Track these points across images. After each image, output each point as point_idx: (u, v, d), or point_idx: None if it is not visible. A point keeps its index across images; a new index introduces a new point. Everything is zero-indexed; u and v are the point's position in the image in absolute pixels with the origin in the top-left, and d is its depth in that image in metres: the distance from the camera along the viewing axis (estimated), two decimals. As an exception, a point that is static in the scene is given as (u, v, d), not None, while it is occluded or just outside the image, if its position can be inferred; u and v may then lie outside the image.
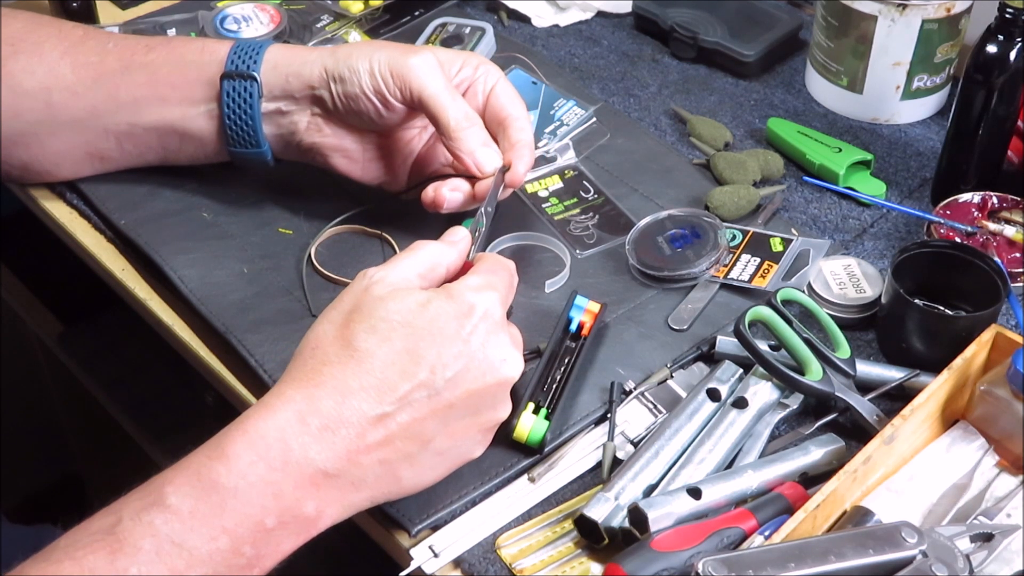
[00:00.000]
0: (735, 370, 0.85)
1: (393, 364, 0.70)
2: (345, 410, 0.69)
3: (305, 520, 0.69)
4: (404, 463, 0.72)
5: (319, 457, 0.68)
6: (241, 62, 0.92)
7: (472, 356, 0.72)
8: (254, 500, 0.67)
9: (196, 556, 0.65)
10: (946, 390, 0.82)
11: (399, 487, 0.73)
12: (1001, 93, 0.97)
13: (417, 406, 0.71)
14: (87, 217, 1.01)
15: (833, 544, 0.71)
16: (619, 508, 0.76)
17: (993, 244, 0.96)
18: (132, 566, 0.63)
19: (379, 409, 0.70)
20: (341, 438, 0.69)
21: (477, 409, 0.74)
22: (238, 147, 0.95)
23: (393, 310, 0.72)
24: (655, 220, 0.98)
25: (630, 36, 1.24)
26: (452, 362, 0.71)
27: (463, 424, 0.74)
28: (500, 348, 0.73)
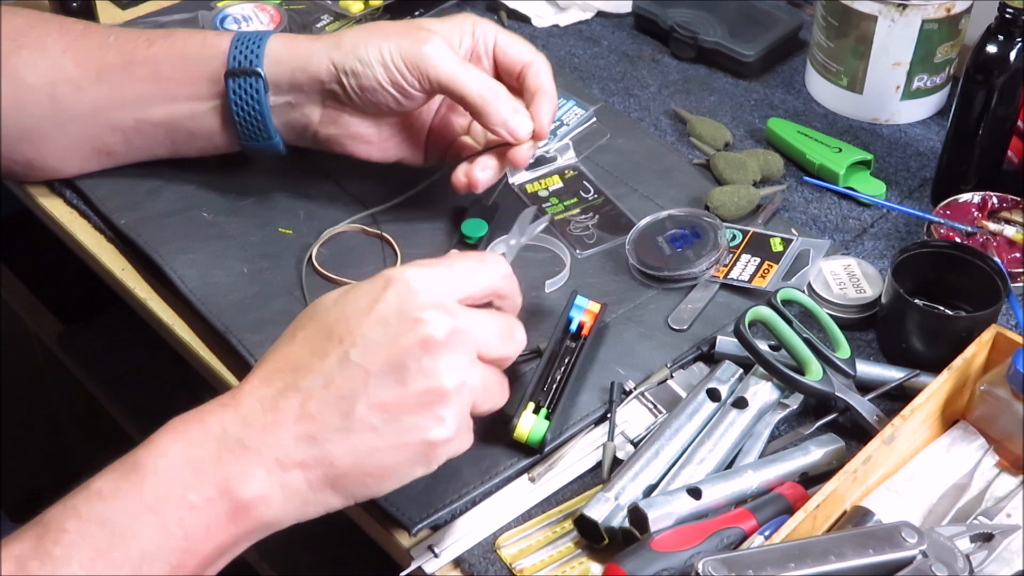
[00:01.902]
0: (735, 370, 0.85)
1: (309, 344, 0.70)
2: (260, 390, 0.69)
3: (234, 498, 0.66)
4: (331, 437, 0.68)
5: (233, 429, 0.67)
6: (244, 57, 0.92)
7: (385, 320, 0.68)
8: (173, 474, 0.66)
9: (119, 535, 0.64)
10: (946, 390, 0.82)
11: (336, 471, 0.68)
12: (1001, 93, 0.97)
13: (333, 377, 0.68)
14: (87, 217, 1.00)
15: (833, 544, 0.71)
16: (619, 508, 0.76)
17: (993, 244, 0.96)
18: (56, 547, 0.63)
19: (292, 382, 0.68)
20: (257, 415, 0.68)
21: (402, 375, 0.68)
22: (250, 141, 0.95)
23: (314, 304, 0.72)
24: (655, 220, 0.98)
25: (630, 36, 1.24)
26: (361, 329, 0.68)
27: (391, 394, 0.68)
28: (418, 309, 0.69)
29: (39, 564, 0.63)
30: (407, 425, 0.69)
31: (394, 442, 0.69)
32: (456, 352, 0.69)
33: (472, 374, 0.70)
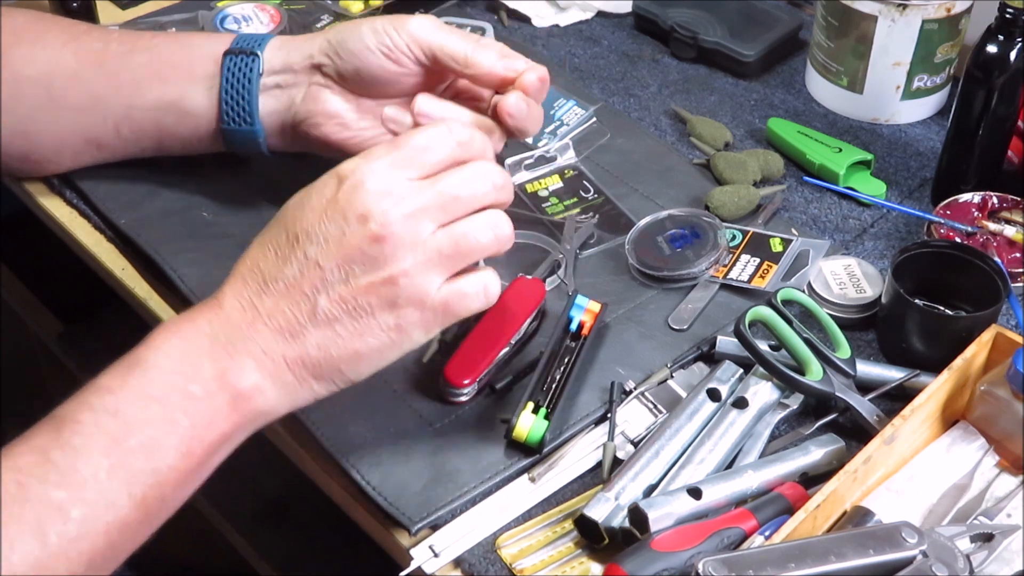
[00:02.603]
0: (735, 370, 0.85)
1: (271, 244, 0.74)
2: (234, 290, 0.74)
3: (233, 389, 0.72)
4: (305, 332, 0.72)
5: (223, 332, 0.72)
6: (246, 42, 0.93)
7: (336, 216, 0.72)
8: (175, 369, 0.71)
9: (131, 424, 0.68)
10: (946, 390, 0.82)
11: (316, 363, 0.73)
12: (1001, 93, 0.97)
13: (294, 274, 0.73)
14: (87, 217, 1.01)
15: (833, 544, 0.71)
16: (619, 508, 0.76)
17: (993, 244, 0.96)
18: (75, 437, 0.67)
19: (262, 283, 0.73)
20: (238, 312, 0.73)
21: (354, 271, 0.72)
22: (232, 124, 0.94)
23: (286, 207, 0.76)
24: (655, 220, 0.98)
25: (630, 36, 1.24)
26: (311, 226, 0.73)
27: (347, 288, 0.72)
28: (365, 203, 0.72)
29: (60, 453, 0.67)
30: (364, 313, 0.73)
31: (357, 330, 0.73)
32: (403, 237, 0.72)
33: (427, 253, 0.72)
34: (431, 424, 0.84)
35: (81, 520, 0.66)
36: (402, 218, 0.71)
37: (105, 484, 0.67)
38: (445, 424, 0.84)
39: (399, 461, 0.81)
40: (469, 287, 0.75)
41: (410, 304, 0.73)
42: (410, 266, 0.72)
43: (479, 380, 0.84)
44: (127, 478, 0.68)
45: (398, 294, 0.72)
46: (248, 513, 1.36)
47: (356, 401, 0.85)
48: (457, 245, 0.73)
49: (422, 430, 0.83)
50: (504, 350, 0.86)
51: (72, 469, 0.66)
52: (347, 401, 0.84)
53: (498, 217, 0.76)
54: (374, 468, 0.80)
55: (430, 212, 0.72)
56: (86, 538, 0.66)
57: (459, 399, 0.84)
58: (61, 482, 0.66)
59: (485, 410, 0.85)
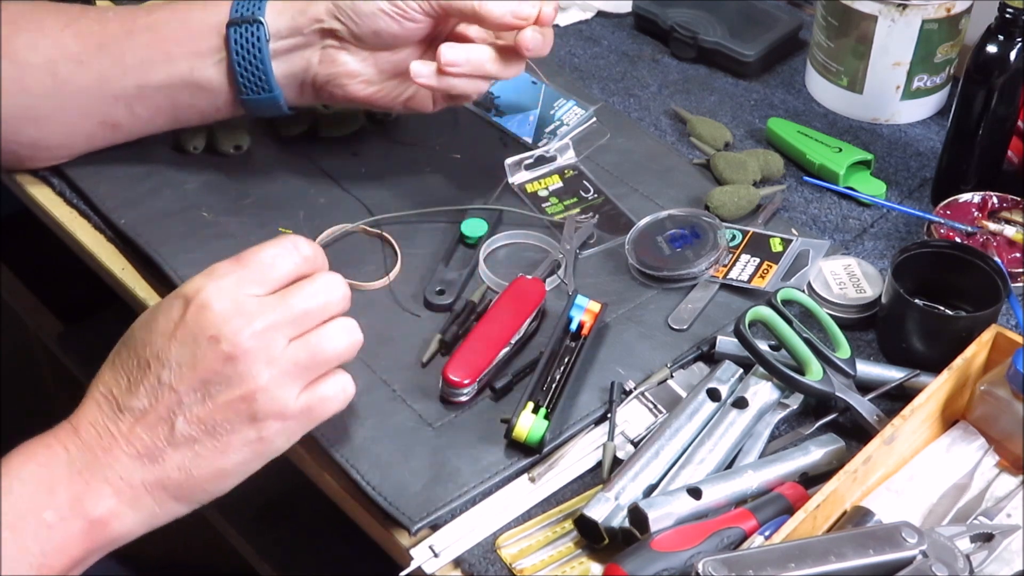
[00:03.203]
0: (735, 370, 0.85)
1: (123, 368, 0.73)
2: (94, 415, 0.73)
3: (88, 517, 0.71)
4: (163, 455, 0.72)
5: (79, 458, 0.72)
6: (245, 9, 0.93)
7: (185, 341, 0.72)
8: (28, 495, 0.70)
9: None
10: (946, 390, 0.82)
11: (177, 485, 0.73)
12: (1001, 93, 0.97)
13: (149, 400, 0.72)
14: (87, 217, 1.00)
15: (833, 544, 0.71)
16: (619, 508, 0.76)
17: (993, 244, 0.96)
18: None
19: (117, 407, 0.73)
20: (95, 438, 0.72)
21: (209, 391, 0.72)
22: (250, 94, 0.94)
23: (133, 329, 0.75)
24: (655, 220, 0.98)
25: (630, 36, 1.24)
26: (164, 354, 0.72)
27: (204, 410, 0.72)
28: (214, 326, 0.72)
29: None
30: (224, 431, 0.73)
31: (218, 448, 0.73)
32: (258, 357, 0.72)
33: (283, 366, 0.73)
34: (431, 424, 0.84)
35: None
36: (253, 335, 0.72)
37: None
38: (445, 424, 0.84)
39: (399, 461, 0.81)
40: (329, 390, 0.76)
41: (270, 416, 0.73)
42: (267, 381, 0.72)
43: (479, 380, 0.84)
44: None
45: (257, 409, 0.72)
46: (248, 513, 1.36)
47: (356, 401, 0.84)
48: (313, 355, 0.74)
49: (422, 430, 0.83)
50: (504, 350, 0.86)
51: None
52: (347, 401, 0.84)
53: (349, 323, 0.77)
54: (374, 468, 0.80)
55: (281, 328, 0.73)
56: None
57: (459, 399, 0.84)
58: None
59: (485, 410, 0.85)
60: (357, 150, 1.06)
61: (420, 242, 0.97)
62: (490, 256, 0.96)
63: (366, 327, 0.89)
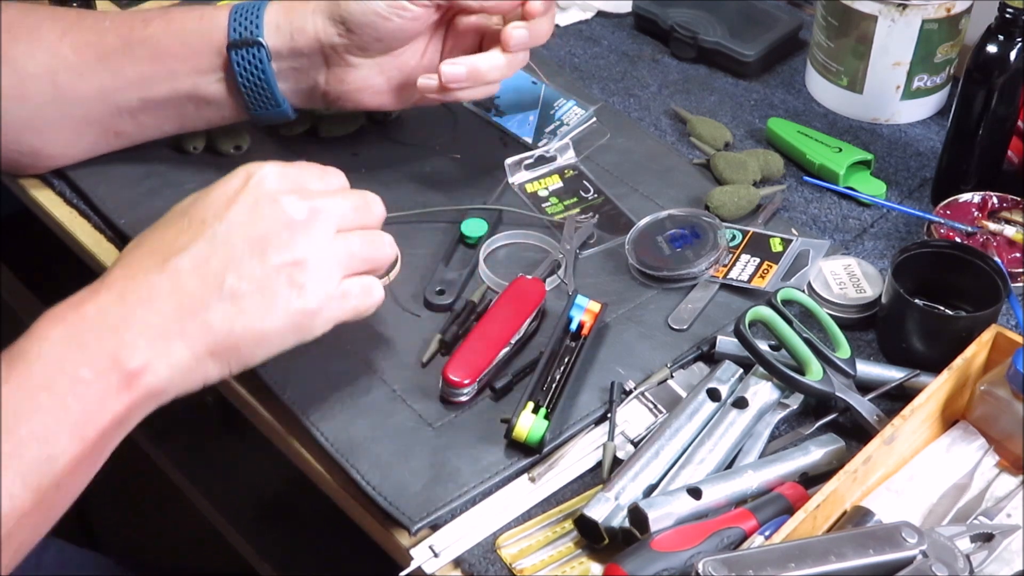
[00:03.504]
0: (735, 370, 0.85)
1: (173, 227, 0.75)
2: (130, 270, 0.73)
3: (124, 370, 0.71)
4: (206, 311, 0.73)
5: (111, 309, 0.71)
6: (244, 28, 0.92)
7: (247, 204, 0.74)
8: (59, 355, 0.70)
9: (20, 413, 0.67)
10: (946, 390, 0.82)
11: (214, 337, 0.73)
12: (1001, 93, 0.97)
13: (200, 249, 0.73)
14: (87, 217, 1.00)
15: (833, 544, 0.71)
16: (619, 508, 0.76)
17: (993, 244, 0.96)
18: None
19: (161, 262, 0.73)
20: (130, 291, 0.72)
21: (264, 251, 0.74)
22: (258, 110, 0.96)
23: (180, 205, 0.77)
24: (655, 220, 0.98)
25: (630, 36, 1.24)
26: (228, 212, 0.74)
27: (256, 267, 0.73)
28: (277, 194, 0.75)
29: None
30: (272, 294, 0.74)
31: (263, 307, 0.74)
32: (313, 229, 0.75)
33: (333, 246, 0.76)
34: (431, 424, 0.84)
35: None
36: (311, 210, 0.75)
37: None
38: (445, 424, 0.84)
39: (399, 461, 0.81)
40: (365, 285, 0.79)
41: (315, 289, 0.75)
42: (318, 253, 0.75)
43: (479, 380, 0.84)
44: (21, 468, 0.67)
45: (306, 279, 0.75)
46: (248, 513, 1.36)
47: (356, 401, 0.85)
48: (360, 249, 0.78)
49: (422, 430, 0.83)
50: (504, 350, 0.86)
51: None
52: (347, 401, 0.84)
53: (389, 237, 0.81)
54: (374, 468, 0.80)
55: (333, 217, 0.76)
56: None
57: (459, 399, 0.84)
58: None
59: (485, 410, 0.85)
60: (357, 150, 1.06)
61: (420, 242, 0.97)
62: (490, 256, 0.96)
63: (366, 327, 0.89)
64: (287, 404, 0.85)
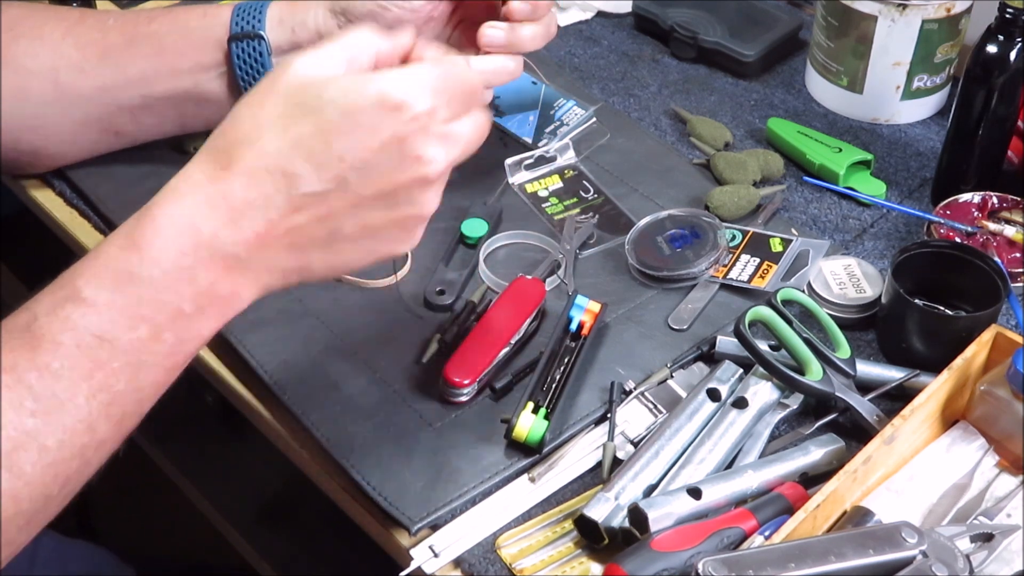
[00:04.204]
0: (735, 370, 0.85)
1: (303, 150, 0.67)
2: (252, 194, 0.67)
3: (222, 302, 0.68)
4: (315, 249, 0.69)
5: (228, 241, 0.67)
6: (246, 23, 0.93)
7: (386, 151, 0.67)
8: (169, 287, 0.66)
9: (117, 346, 0.65)
10: (946, 390, 0.82)
11: (310, 271, 0.70)
12: (1001, 93, 0.97)
13: (327, 196, 0.67)
14: (87, 217, 1.01)
15: (833, 544, 0.71)
16: (619, 508, 0.76)
17: (993, 244, 0.96)
18: (54, 360, 0.63)
19: (287, 195, 0.67)
20: (249, 222, 0.67)
21: (392, 204, 0.69)
22: None
23: (310, 94, 0.67)
24: (655, 220, 0.98)
25: (630, 36, 1.24)
26: (364, 155, 0.67)
27: (377, 216, 0.69)
28: (419, 145, 0.68)
29: (37, 376, 0.63)
30: (382, 240, 0.70)
31: (367, 252, 0.71)
32: (442, 184, 0.71)
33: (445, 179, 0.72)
34: (431, 424, 0.84)
35: (57, 447, 0.63)
36: (448, 164, 0.70)
37: (84, 408, 0.64)
38: (445, 424, 0.84)
39: (399, 461, 0.81)
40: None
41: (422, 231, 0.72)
42: (437, 202, 0.71)
43: (479, 380, 0.84)
44: (108, 400, 0.65)
45: (416, 232, 0.72)
46: (248, 513, 1.36)
47: (356, 401, 0.85)
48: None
49: (422, 430, 0.83)
50: (504, 350, 0.86)
51: (49, 395, 0.63)
52: (347, 401, 0.84)
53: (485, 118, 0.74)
54: (374, 468, 0.80)
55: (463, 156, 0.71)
56: (62, 463, 0.64)
57: (459, 399, 0.85)
58: (36, 409, 0.63)
59: (485, 410, 0.85)
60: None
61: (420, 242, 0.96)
62: (490, 256, 0.96)
63: (367, 327, 0.89)
64: (287, 404, 0.85)
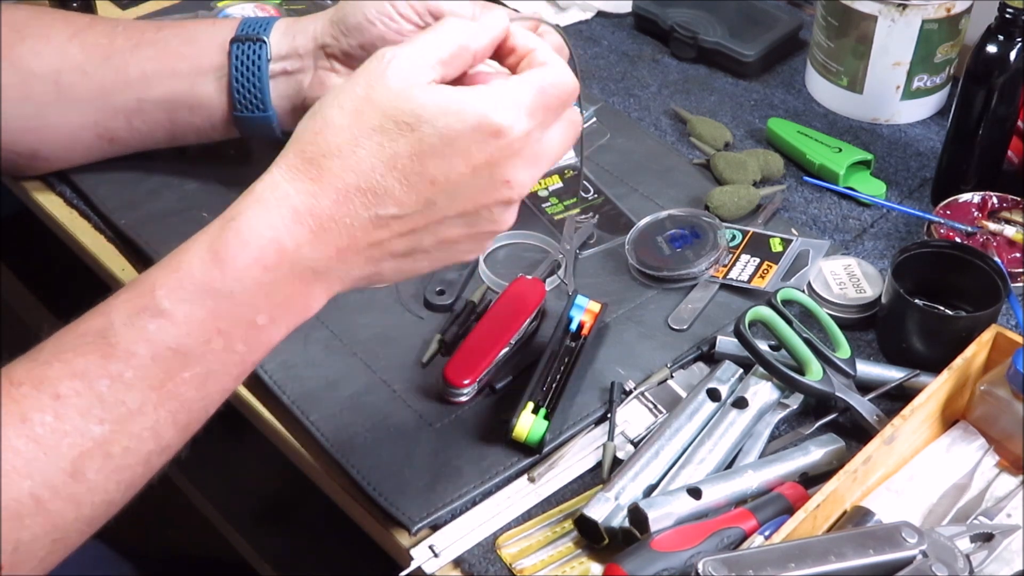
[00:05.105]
0: (735, 370, 0.85)
1: (396, 170, 0.66)
2: (340, 211, 0.66)
3: (294, 312, 0.68)
4: (391, 260, 0.69)
5: (311, 256, 0.66)
6: (251, 29, 0.93)
7: (477, 175, 0.66)
8: (247, 301, 0.66)
9: (190, 358, 0.65)
10: (946, 390, 0.82)
11: (380, 277, 0.70)
12: (1001, 93, 0.97)
13: (413, 216, 0.67)
14: (87, 217, 1.01)
15: (833, 544, 0.71)
16: (619, 508, 0.76)
17: (993, 244, 0.96)
18: (127, 370, 0.64)
19: (375, 214, 0.66)
20: (333, 238, 0.66)
21: (473, 222, 0.69)
22: (244, 111, 0.95)
23: (408, 111, 0.65)
24: (655, 220, 0.98)
25: (630, 36, 1.25)
26: (455, 179, 0.66)
27: (456, 231, 0.69)
28: (509, 170, 0.67)
29: (107, 385, 0.63)
30: (456, 250, 0.70)
31: (437, 261, 0.71)
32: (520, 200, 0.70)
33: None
34: (431, 424, 0.84)
35: (123, 454, 0.63)
36: (532, 184, 0.69)
37: (152, 416, 0.64)
38: (445, 424, 0.84)
39: (399, 461, 0.81)
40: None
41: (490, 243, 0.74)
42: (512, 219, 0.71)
43: (479, 380, 0.84)
44: (176, 408, 0.65)
45: (488, 243, 0.72)
46: (248, 513, 1.36)
47: (356, 401, 0.85)
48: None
49: (422, 430, 0.83)
50: (504, 350, 0.86)
51: (119, 403, 0.63)
52: (347, 401, 0.85)
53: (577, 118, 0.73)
54: (374, 468, 0.80)
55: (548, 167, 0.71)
56: (127, 469, 0.64)
57: (459, 399, 0.85)
58: (105, 417, 0.63)
59: (485, 410, 0.85)
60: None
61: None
62: (490, 256, 0.96)
63: (367, 327, 0.89)
64: (287, 404, 0.85)
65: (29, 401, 0.62)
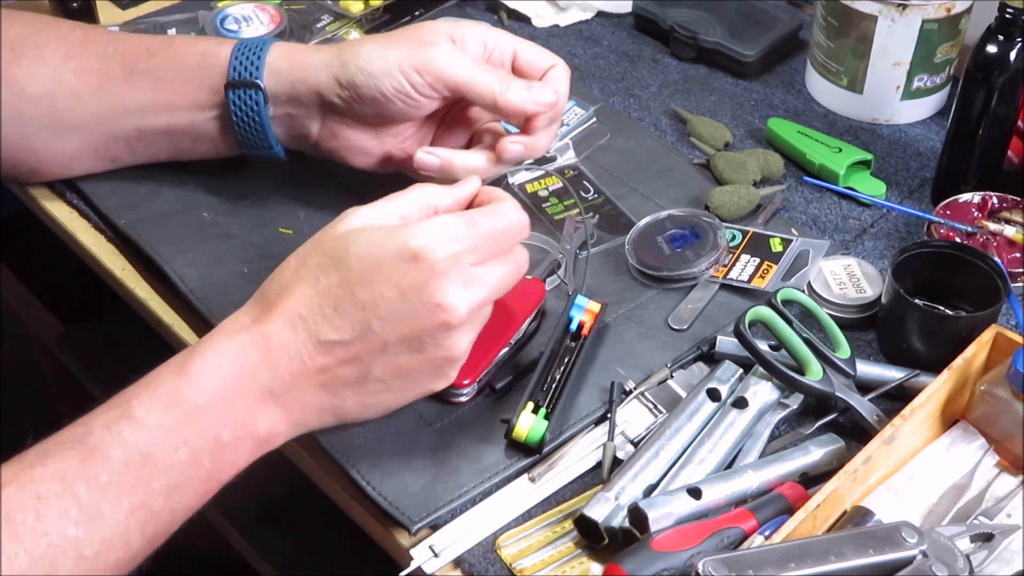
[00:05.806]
0: (735, 370, 0.85)
1: (331, 298, 0.74)
2: (286, 338, 0.74)
3: (257, 436, 0.74)
4: (347, 389, 0.76)
5: (266, 376, 0.73)
6: (244, 69, 0.92)
7: (405, 299, 0.73)
8: (211, 412, 0.72)
9: (159, 466, 0.70)
10: (946, 390, 0.82)
11: (344, 410, 0.77)
12: (1001, 93, 0.97)
13: (353, 341, 0.74)
14: (87, 217, 1.00)
15: (833, 544, 0.71)
16: (619, 508, 0.76)
17: (993, 244, 0.97)
18: (103, 473, 0.68)
19: (317, 340, 0.74)
20: (284, 361, 0.74)
21: (418, 347, 0.75)
22: (251, 149, 0.96)
23: (341, 246, 0.75)
24: (655, 220, 0.98)
25: (630, 36, 1.24)
26: (384, 304, 0.73)
27: (405, 359, 0.75)
28: (437, 292, 0.73)
29: (85, 487, 0.68)
30: (415, 381, 0.77)
31: (401, 392, 0.78)
32: (470, 326, 0.77)
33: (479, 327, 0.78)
34: (431, 424, 0.84)
35: (94, 557, 0.68)
36: (471, 310, 0.75)
37: (123, 524, 0.69)
38: (445, 424, 0.84)
39: (399, 461, 0.81)
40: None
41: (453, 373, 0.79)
42: (467, 348, 0.77)
43: (479, 380, 0.84)
44: (145, 518, 0.70)
45: (450, 370, 0.78)
46: (248, 513, 1.36)
47: (356, 401, 0.85)
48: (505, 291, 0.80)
49: (422, 430, 0.83)
50: (504, 350, 0.86)
51: (94, 507, 0.68)
52: (347, 401, 0.84)
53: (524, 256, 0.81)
54: (374, 468, 0.80)
55: (490, 300, 0.77)
56: (95, 572, 0.68)
57: (459, 399, 0.84)
58: (81, 519, 0.67)
59: (485, 410, 0.85)
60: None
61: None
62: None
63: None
64: (287, 404, 0.85)
65: (13, 502, 0.66)
